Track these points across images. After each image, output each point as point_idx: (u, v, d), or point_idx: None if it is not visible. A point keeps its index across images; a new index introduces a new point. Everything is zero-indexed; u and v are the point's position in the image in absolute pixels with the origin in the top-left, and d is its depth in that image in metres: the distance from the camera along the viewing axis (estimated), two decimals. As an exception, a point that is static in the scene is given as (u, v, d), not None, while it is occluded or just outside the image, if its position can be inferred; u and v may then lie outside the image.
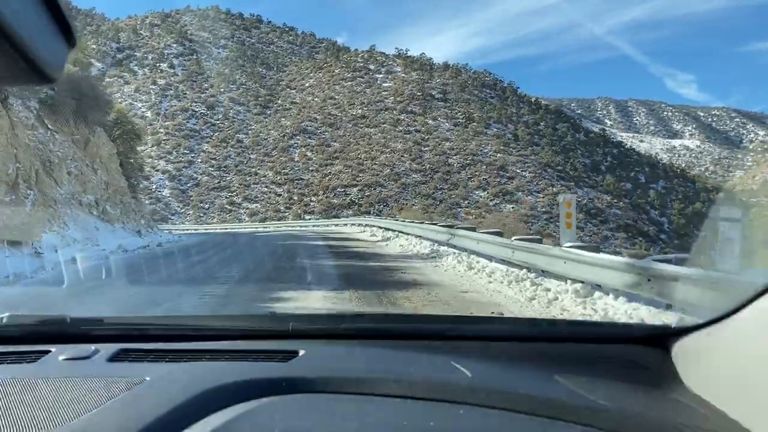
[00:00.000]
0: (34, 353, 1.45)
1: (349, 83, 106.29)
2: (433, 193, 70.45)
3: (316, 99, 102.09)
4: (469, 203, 67.96)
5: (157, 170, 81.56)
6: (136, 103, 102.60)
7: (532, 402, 1.14)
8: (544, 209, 66.42)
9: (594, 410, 1.12)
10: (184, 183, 79.28)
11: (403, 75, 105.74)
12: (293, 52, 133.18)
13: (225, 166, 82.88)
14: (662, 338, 1.49)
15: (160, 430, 1.02)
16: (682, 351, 1.39)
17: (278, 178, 78.15)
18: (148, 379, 1.24)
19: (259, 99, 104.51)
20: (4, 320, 1.66)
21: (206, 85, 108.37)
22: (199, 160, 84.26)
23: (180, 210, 74.51)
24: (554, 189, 70.86)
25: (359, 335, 1.66)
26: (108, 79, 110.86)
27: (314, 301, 6.67)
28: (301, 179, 77.05)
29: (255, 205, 73.17)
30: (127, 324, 1.85)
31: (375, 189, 71.79)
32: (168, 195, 76.85)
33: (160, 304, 6.38)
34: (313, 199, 71.45)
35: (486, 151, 78.77)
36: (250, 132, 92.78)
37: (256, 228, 44.11)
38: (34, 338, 1.59)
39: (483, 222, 54.05)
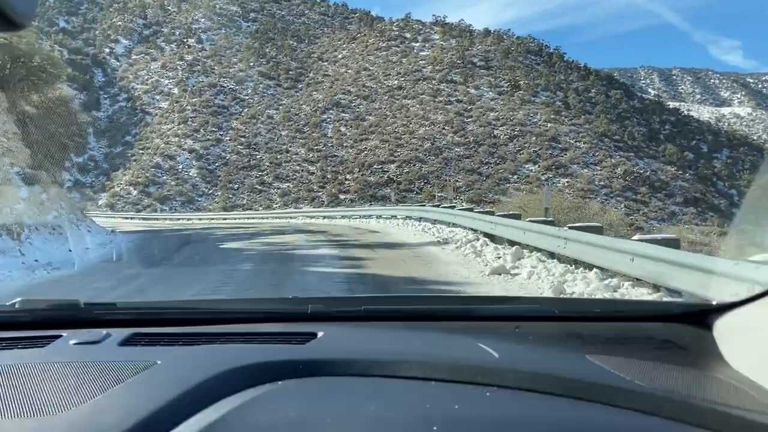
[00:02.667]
0: (46, 338, 1.46)
1: (384, 53, 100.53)
2: (479, 167, 64.59)
3: (349, 71, 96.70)
4: (518, 178, 62.01)
5: (184, 149, 77.62)
6: (162, 79, 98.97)
7: (563, 383, 1.10)
8: (602, 183, 60.09)
9: (630, 391, 1.08)
10: (211, 162, 75.14)
11: (441, 43, 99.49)
12: (325, 23, 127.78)
13: (254, 144, 78.38)
14: (702, 315, 1.44)
15: (169, 413, 1.00)
16: (724, 328, 1.34)
17: (311, 155, 73.27)
18: (159, 362, 1.23)
19: (290, 73, 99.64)
20: (17, 305, 1.65)
21: (235, 59, 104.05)
22: (228, 138, 79.97)
23: (208, 191, 70.49)
24: (612, 160, 64.37)
25: (380, 317, 1.64)
26: (134, 56, 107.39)
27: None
28: (335, 156, 71.97)
29: (286, 184, 68.50)
30: (141, 308, 1.84)
31: (414, 165, 66.30)
32: (195, 175, 72.75)
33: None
34: (348, 177, 66.34)
35: (535, 120, 72.41)
36: (280, 107, 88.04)
37: (260, 221, 32.21)
38: (46, 323, 1.59)
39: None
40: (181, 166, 74.37)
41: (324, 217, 29.24)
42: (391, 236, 16.38)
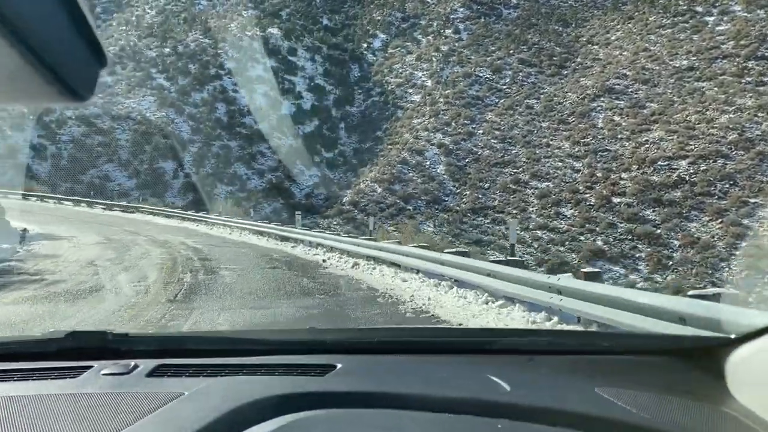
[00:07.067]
0: (76, 369, 1.53)
1: (669, 31, 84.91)
2: (812, 165, 47.73)
3: (625, 53, 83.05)
4: None
5: (433, 144, 71.11)
6: (416, 72, 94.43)
7: (573, 417, 1.14)
8: None
9: (638, 425, 1.11)
10: (461, 158, 67.60)
11: (745, 14, 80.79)
12: (595, 5, 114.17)
13: (510, 138, 69.15)
14: (710, 349, 1.46)
15: None
16: (732, 363, 1.35)
17: (576, 149, 62.00)
18: (186, 393, 1.30)
19: (554, 59, 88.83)
20: (47, 336, 1.73)
21: (493, 47, 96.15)
22: (480, 132, 71.85)
23: (455, 190, 62.92)
24: None
25: (396, 349, 1.69)
26: (390, 50, 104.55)
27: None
28: (607, 150, 59.85)
29: (546, 183, 58.30)
30: (167, 340, 1.94)
31: (714, 161, 51.71)
32: (443, 172, 65.65)
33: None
34: (624, 175, 54.03)
35: None
36: (542, 96, 77.79)
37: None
38: (75, 354, 1.65)
39: None
40: (428, 162, 67.90)
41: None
42: None
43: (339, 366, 1.44)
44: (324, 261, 15.60)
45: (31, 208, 33.17)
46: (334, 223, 59.21)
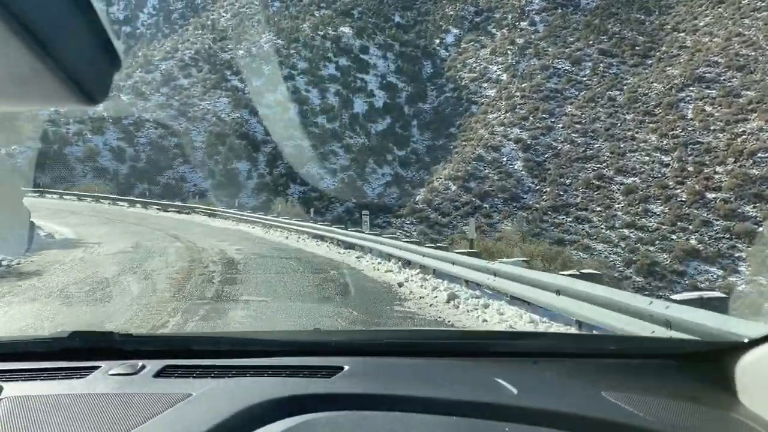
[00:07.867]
0: (84, 369, 1.54)
1: (765, 14, 79.26)
2: None
3: (715, 39, 78.15)
4: None
5: (509, 139, 68.73)
6: (491, 66, 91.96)
7: (579, 420, 1.15)
8: None
9: (646, 429, 1.11)
10: (540, 154, 65.02)
11: None
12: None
13: (592, 131, 66.07)
14: (718, 353, 1.46)
15: None
16: (739, 367, 1.35)
17: (664, 142, 58.47)
18: (193, 394, 1.30)
19: (637, 48, 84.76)
20: (55, 336, 1.72)
21: (571, 39, 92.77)
22: (560, 126, 69.00)
23: (534, 187, 60.46)
24: None
25: (403, 351, 1.69)
26: (464, 45, 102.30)
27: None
28: (699, 143, 56.08)
29: (631, 179, 55.18)
30: (174, 340, 1.95)
31: (828, 152, 47.33)
32: (520, 168, 63.33)
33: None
34: (719, 169, 50.34)
35: None
36: (625, 87, 74.18)
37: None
38: (83, 354, 1.66)
39: None
40: (505, 159, 65.57)
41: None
42: None
43: (346, 368, 1.45)
44: (400, 285, 11.00)
45: (82, 209, 32.25)
46: (407, 222, 57.81)
